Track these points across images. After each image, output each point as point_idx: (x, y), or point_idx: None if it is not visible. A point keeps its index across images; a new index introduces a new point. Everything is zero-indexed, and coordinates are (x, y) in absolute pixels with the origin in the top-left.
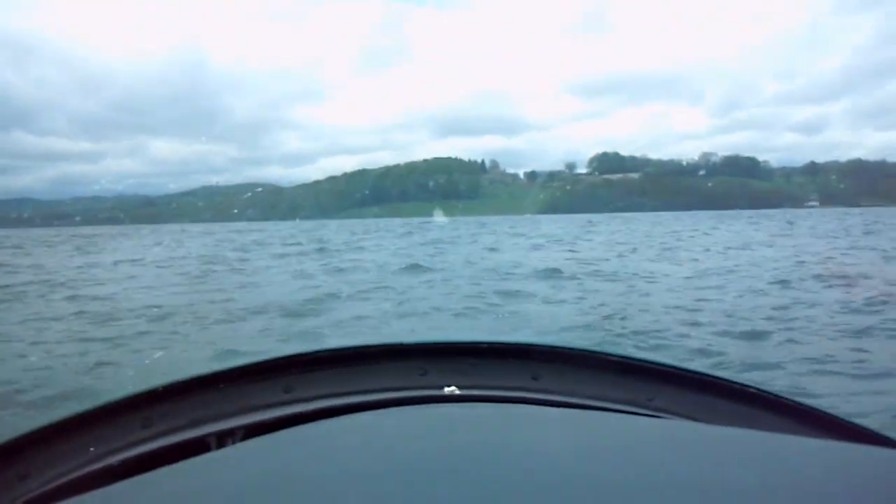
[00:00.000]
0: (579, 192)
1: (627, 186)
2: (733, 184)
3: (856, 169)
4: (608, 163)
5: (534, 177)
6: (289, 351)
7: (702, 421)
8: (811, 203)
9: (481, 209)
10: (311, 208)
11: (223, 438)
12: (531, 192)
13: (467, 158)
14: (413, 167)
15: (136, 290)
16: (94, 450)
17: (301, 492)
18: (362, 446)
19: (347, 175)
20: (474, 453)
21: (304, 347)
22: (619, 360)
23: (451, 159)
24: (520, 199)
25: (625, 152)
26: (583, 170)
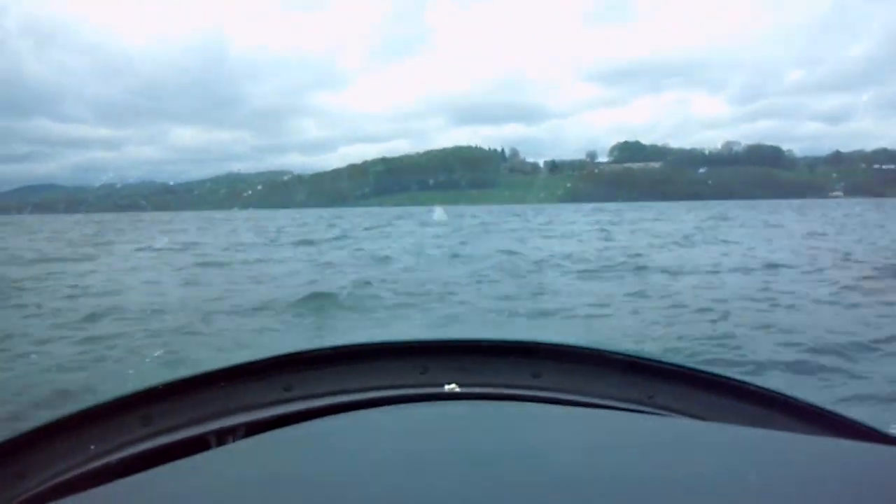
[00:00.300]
0: (600, 182)
1: (649, 175)
2: (756, 173)
3: (882, 159)
4: (629, 152)
5: (554, 166)
6: (288, 349)
7: (703, 418)
8: (835, 193)
9: (501, 198)
10: (330, 196)
11: (223, 436)
12: (551, 181)
13: (487, 147)
14: (432, 155)
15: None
16: (93, 448)
17: (301, 489)
18: (362, 444)
19: (367, 163)
20: (475, 451)
21: (303, 346)
22: (619, 357)
23: (470, 147)
24: (540, 189)
25: (646, 141)
26: (604, 158)
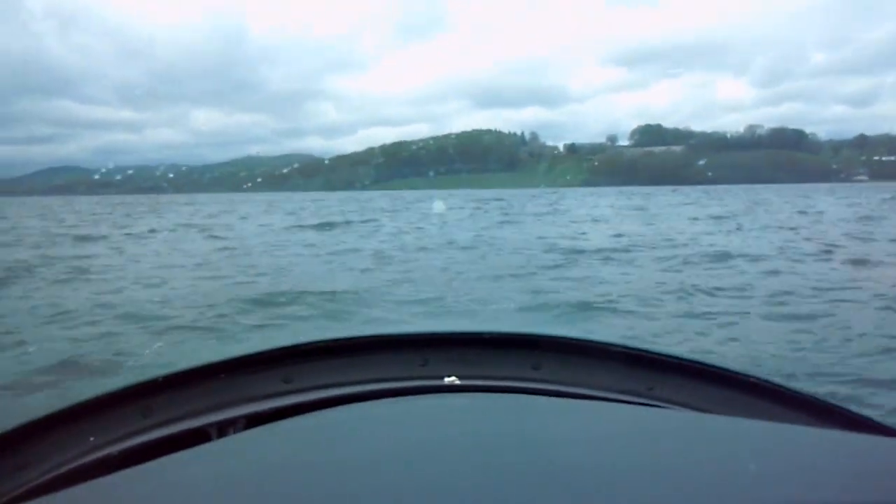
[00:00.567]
0: (621, 165)
1: (670, 159)
2: (779, 157)
3: None
4: (650, 135)
5: (574, 149)
6: (288, 341)
7: (702, 410)
8: (860, 177)
9: (520, 182)
10: (348, 180)
11: (224, 428)
12: (571, 164)
13: (507, 130)
14: (451, 139)
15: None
16: (93, 439)
17: (301, 481)
18: (362, 436)
19: (386, 146)
20: (475, 443)
21: (303, 338)
22: (619, 349)
23: (490, 131)
24: (560, 172)
25: (667, 124)
26: (624, 142)
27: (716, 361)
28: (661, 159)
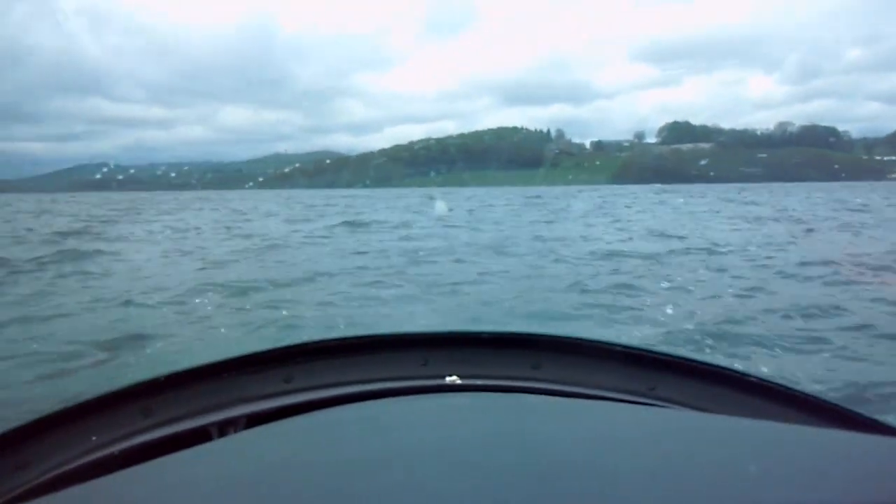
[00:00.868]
0: (648, 163)
1: (699, 156)
2: (811, 155)
3: None
4: (678, 132)
5: (601, 146)
6: (289, 341)
7: (703, 410)
8: (894, 175)
9: (546, 179)
10: (375, 177)
11: (224, 428)
12: (598, 162)
13: (533, 128)
14: (478, 136)
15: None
16: (94, 439)
17: (302, 481)
18: (363, 436)
19: (412, 143)
20: (475, 443)
21: (304, 338)
22: (620, 349)
23: (515, 128)
24: (586, 170)
25: (696, 121)
26: (652, 139)
27: (716, 361)
28: (690, 157)
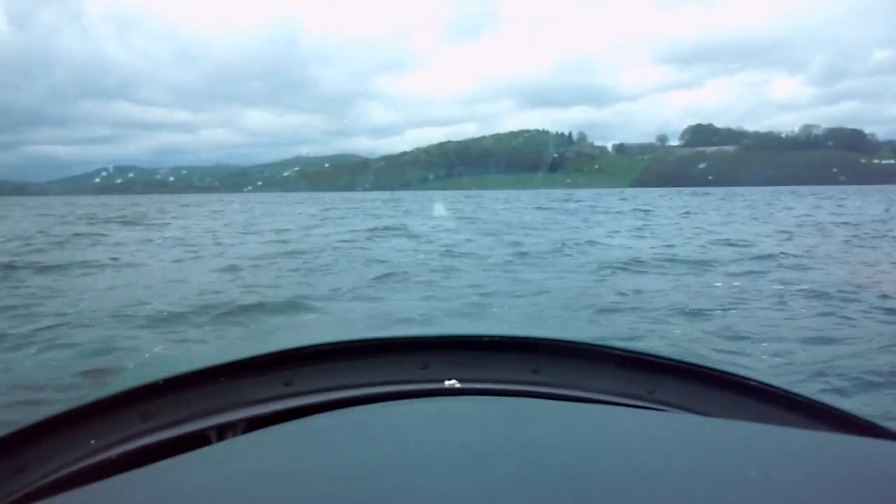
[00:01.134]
0: (671, 166)
1: (722, 160)
2: (836, 158)
3: None
4: (701, 135)
5: (622, 149)
6: (289, 344)
7: (702, 413)
8: None
9: (567, 182)
10: (396, 180)
11: (223, 432)
12: (619, 165)
13: (554, 130)
14: (498, 139)
15: None
16: (93, 443)
17: (301, 485)
18: (363, 440)
19: (433, 147)
20: (475, 446)
21: (304, 341)
22: (619, 352)
23: (536, 131)
24: (607, 173)
25: (719, 124)
26: (675, 142)
27: (716, 365)
28: (713, 160)
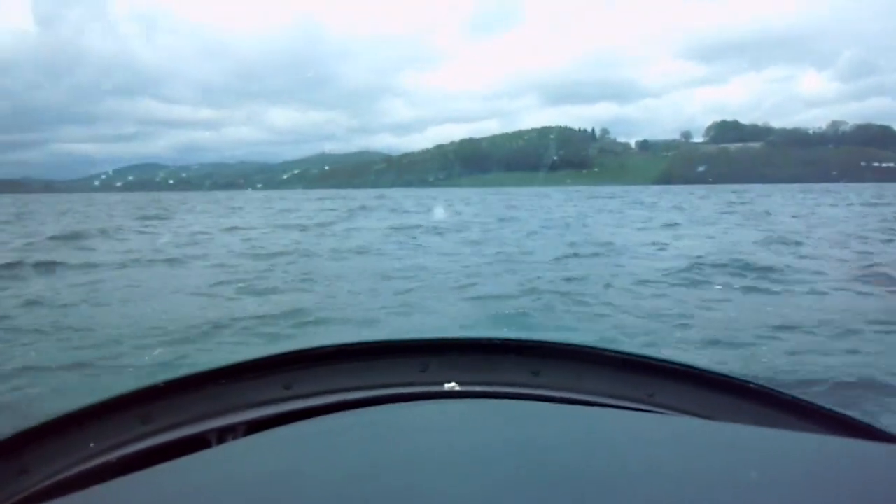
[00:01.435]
0: (695, 162)
1: (747, 156)
2: (865, 155)
3: None
4: (726, 131)
5: (646, 146)
6: (288, 347)
7: (702, 417)
8: None
9: (589, 179)
10: (418, 177)
11: (223, 435)
12: (643, 161)
13: (577, 127)
14: (520, 135)
15: None
16: (93, 446)
17: (301, 488)
18: (362, 443)
19: (455, 144)
20: (475, 449)
21: (303, 344)
22: (619, 355)
23: (558, 128)
24: (630, 170)
25: (745, 120)
26: (699, 138)
27: (716, 368)
28: (738, 156)
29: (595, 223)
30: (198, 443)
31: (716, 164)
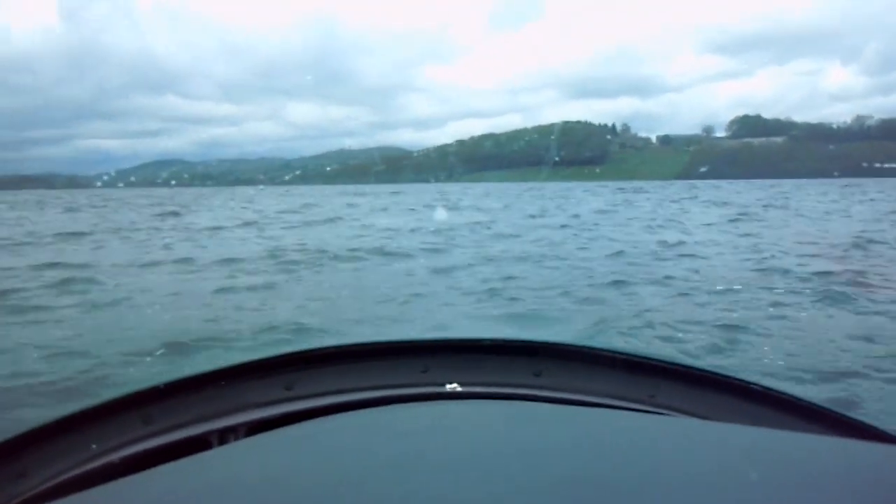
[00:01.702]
0: (717, 157)
1: (771, 151)
2: (891, 149)
3: None
4: (749, 126)
5: (667, 141)
6: (290, 348)
7: (704, 418)
8: None
9: (610, 175)
10: (438, 172)
11: (224, 436)
12: (664, 156)
13: (597, 122)
14: (541, 131)
15: None
16: (94, 447)
17: (302, 489)
18: (364, 444)
19: (475, 139)
20: (476, 450)
21: (305, 345)
22: (621, 356)
23: (579, 122)
24: (651, 165)
25: (768, 115)
26: (721, 133)
27: (717, 369)
28: (761, 151)
29: (677, 216)
30: (199, 444)
31: (738, 159)
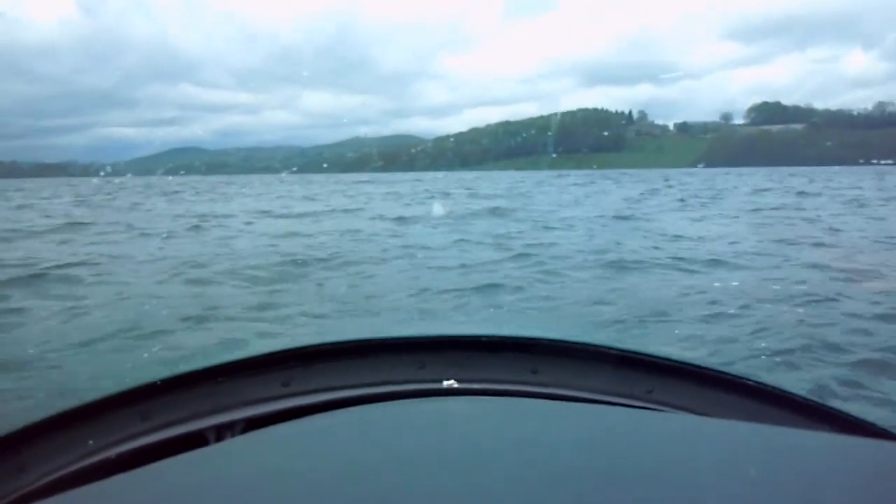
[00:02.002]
0: (735, 145)
1: (789, 138)
2: None
3: None
4: (768, 113)
5: (685, 128)
6: (287, 345)
7: (700, 414)
8: None
9: (626, 162)
10: (452, 160)
11: (222, 432)
12: (681, 144)
13: (614, 109)
14: (556, 118)
15: None
16: (92, 443)
17: (300, 485)
18: (360, 440)
19: (490, 126)
20: (473, 447)
21: (302, 341)
22: (617, 353)
23: (596, 110)
24: (668, 152)
25: (787, 101)
26: (739, 120)
27: (715, 365)
28: (780, 138)
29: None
30: (196, 440)
31: (756, 147)
